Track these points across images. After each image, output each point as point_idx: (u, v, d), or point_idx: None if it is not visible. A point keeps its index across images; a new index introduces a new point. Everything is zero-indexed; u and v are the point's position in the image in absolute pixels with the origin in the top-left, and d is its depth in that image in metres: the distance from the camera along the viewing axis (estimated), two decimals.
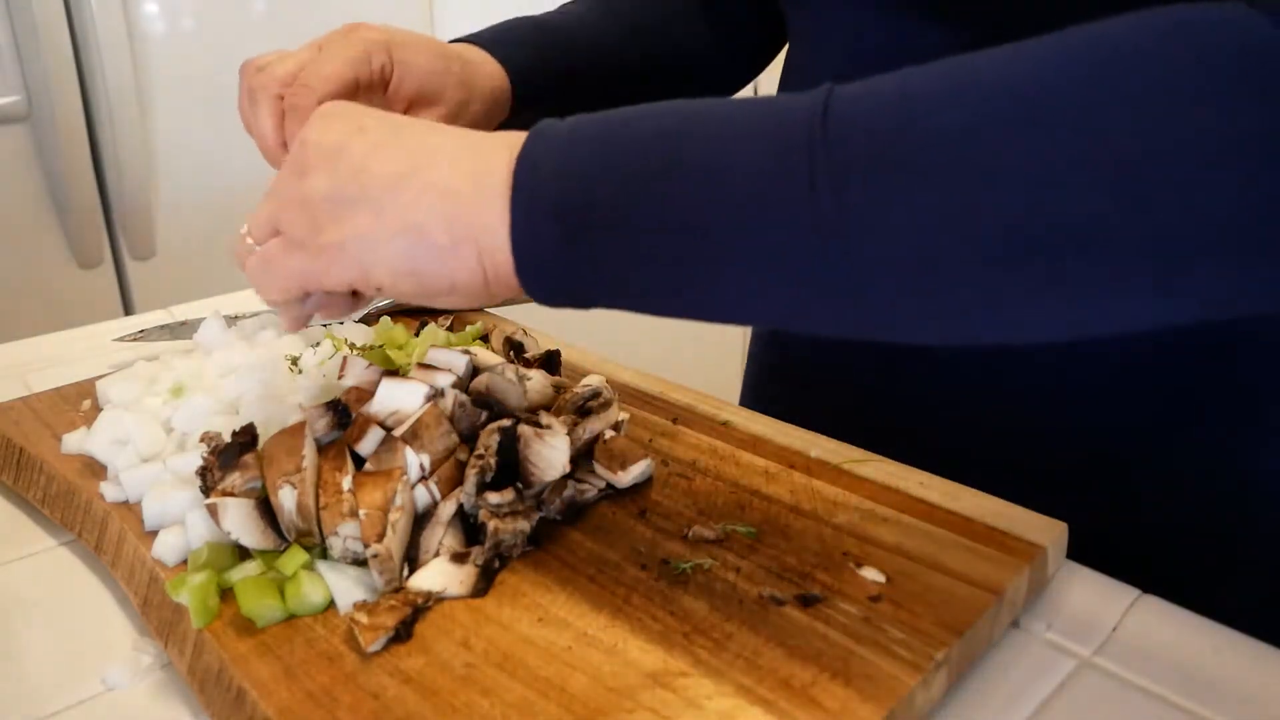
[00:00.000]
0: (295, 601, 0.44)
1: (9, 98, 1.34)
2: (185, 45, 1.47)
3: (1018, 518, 0.48)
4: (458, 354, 0.54)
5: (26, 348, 0.80)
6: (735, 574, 0.46)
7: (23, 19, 1.31)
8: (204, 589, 0.44)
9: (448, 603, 0.44)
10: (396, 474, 0.46)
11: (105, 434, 0.56)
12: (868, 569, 0.45)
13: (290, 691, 0.40)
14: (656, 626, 0.42)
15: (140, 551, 0.49)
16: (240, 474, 0.48)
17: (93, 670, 0.45)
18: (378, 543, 0.44)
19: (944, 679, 0.41)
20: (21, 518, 0.57)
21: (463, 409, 0.51)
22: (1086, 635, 0.45)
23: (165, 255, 1.51)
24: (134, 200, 1.45)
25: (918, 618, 0.42)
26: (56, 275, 1.43)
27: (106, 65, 1.37)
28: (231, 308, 0.83)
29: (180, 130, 1.49)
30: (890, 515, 0.49)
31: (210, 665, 0.42)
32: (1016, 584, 0.45)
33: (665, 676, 0.40)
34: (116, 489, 0.53)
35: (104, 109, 1.39)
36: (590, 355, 0.68)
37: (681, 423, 0.59)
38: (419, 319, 0.73)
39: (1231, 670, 0.43)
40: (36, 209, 1.40)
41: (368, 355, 0.60)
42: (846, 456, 0.54)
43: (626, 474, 0.51)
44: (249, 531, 0.46)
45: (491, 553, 0.46)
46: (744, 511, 0.50)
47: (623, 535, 0.49)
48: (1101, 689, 0.42)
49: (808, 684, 0.39)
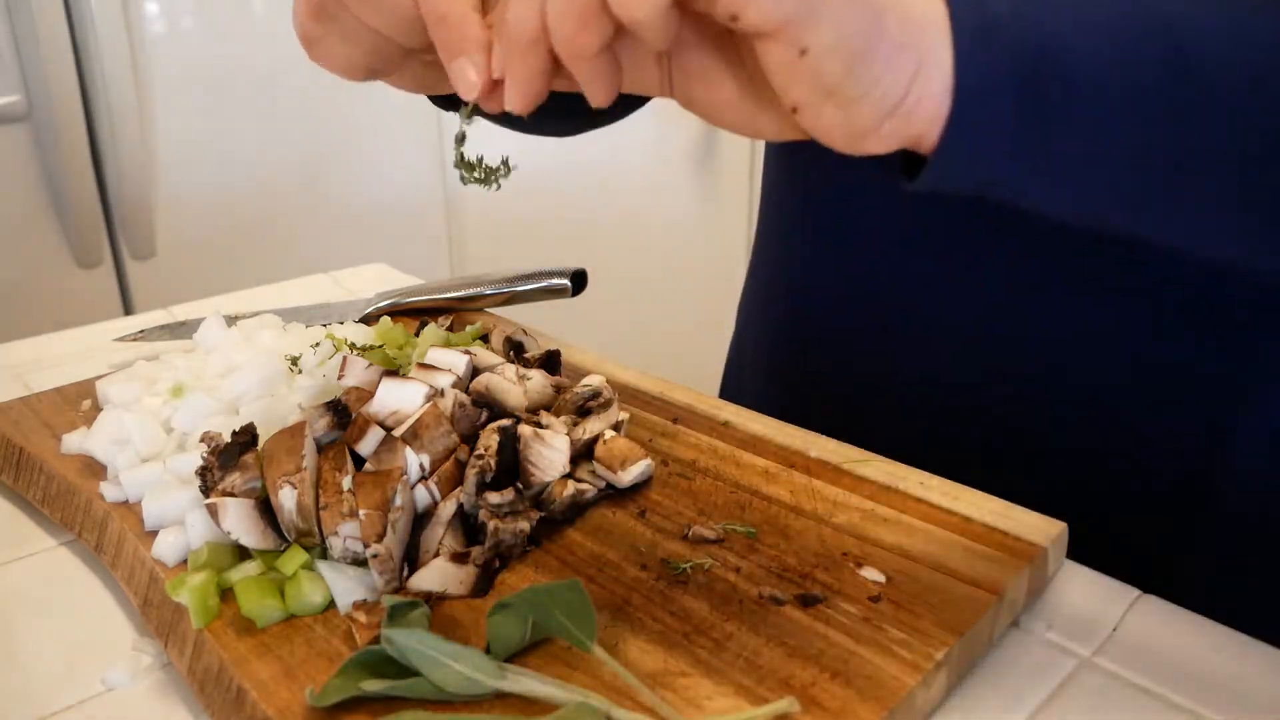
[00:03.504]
0: (295, 601, 0.44)
1: (9, 98, 1.34)
2: (185, 45, 1.47)
3: (1018, 518, 0.48)
4: (458, 354, 0.54)
5: (26, 348, 0.80)
6: (735, 574, 0.46)
7: (23, 19, 1.31)
8: (204, 589, 0.44)
9: (448, 603, 0.44)
10: (396, 474, 0.46)
11: (105, 434, 0.56)
12: (868, 569, 0.45)
13: (290, 691, 0.40)
14: (656, 626, 0.42)
15: (140, 551, 0.49)
16: (240, 474, 0.48)
17: (93, 670, 0.45)
18: (378, 543, 0.44)
19: (944, 679, 0.41)
20: (21, 518, 0.57)
21: (463, 409, 0.51)
22: (1086, 635, 0.45)
23: (165, 255, 1.51)
24: (134, 200, 1.45)
25: (918, 618, 0.42)
26: (56, 275, 1.43)
27: (106, 65, 1.37)
28: (231, 308, 0.83)
29: (180, 130, 1.49)
30: (890, 515, 0.49)
31: (210, 665, 0.42)
32: (1016, 584, 0.45)
33: (665, 676, 0.40)
34: (116, 489, 0.53)
35: (104, 109, 1.39)
36: (590, 355, 0.68)
37: (681, 423, 0.59)
38: (419, 319, 0.73)
39: (1231, 670, 0.43)
40: (36, 209, 1.40)
41: (368, 355, 0.60)
42: (846, 456, 0.54)
43: (626, 474, 0.51)
44: (249, 531, 0.46)
45: (491, 553, 0.46)
46: (744, 511, 0.50)
47: (623, 535, 0.49)
48: (1101, 689, 0.42)
49: (808, 684, 0.39)
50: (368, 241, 1.73)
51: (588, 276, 0.75)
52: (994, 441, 0.59)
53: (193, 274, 1.53)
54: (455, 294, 0.76)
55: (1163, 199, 0.36)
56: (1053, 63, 0.33)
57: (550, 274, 0.75)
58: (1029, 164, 0.35)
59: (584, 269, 0.75)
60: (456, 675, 0.38)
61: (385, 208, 1.74)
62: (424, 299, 0.76)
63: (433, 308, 0.76)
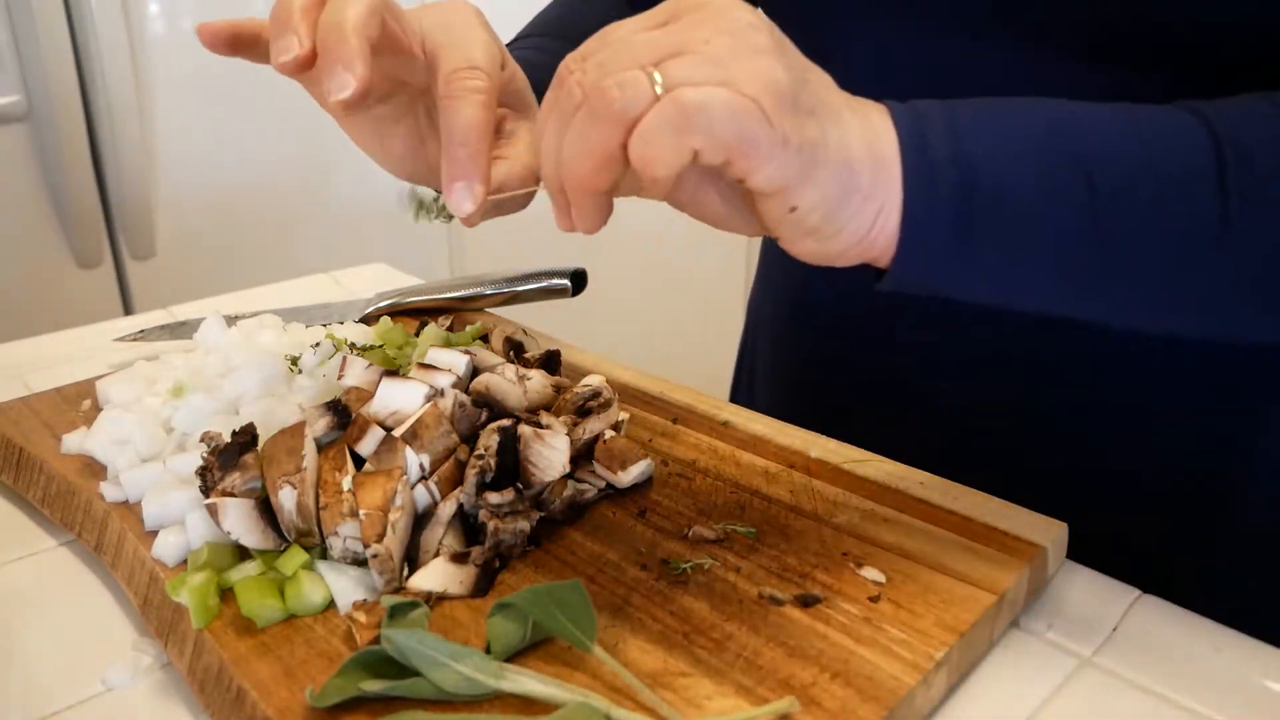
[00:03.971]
0: (295, 601, 0.44)
1: (9, 98, 1.34)
2: (185, 45, 1.47)
3: (1018, 518, 0.48)
4: (458, 354, 0.54)
5: (26, 348, 0.80)
6: (735, 574, 0.46)
7: (23, 19, 1.31)
8: (204, 589, 0.44)
9: (448, 603, 0.44)
10: (396, 474, 0.46)
11: (105, 434, 0.56)
12: (868, 569, 0.45)
13: (290, 691, 0.40)
14: (656, 626, 0.42)
15: (140, 551, 0.49)
16: (240, 474, 0.48)
17: (93, 670, 0.45)
18: (378, 543, 0.44)
19: (944, 679, 0.41)
20: (21, 518, 0.57)
21: (463, 409, 0.51)
22: (1086, 635, 0.45)
23: (165, 255, 1.51)
24: (134, 200, 1.45)
25: (918, 618, 0.42)
26: (56, 275, 1.43)
27: (106, 65, 1.37)
28: (231, 308, 0.83)
29: (180, 130, 1.49)
30: (890, 515, 0.49)
31: (210, 665, 0.42)
32: (1016, 584, 0.45)
33: (665, 676, 0.40)
34: (116, 489, 0.53)
35: (104, 109, 1.39)
36: (590, 355, 0.68)
37: (681, 423, 0.59)
38: (419, 319, 0.73)
39: (1231, 670, 0.43)
40: (36, 209, 1.40)
41: (368, 355, 0.60)
42: (846, 456, 0.54)
43: (626, 474, 0.51)
44: (249, 531, 0.46)
45: (491, 553, 0.46)
46: (744, 511, 0.50)
47: (623, 535, 0.49)
48: (1102, 689, 0.42)
49: (808, 684, 0.39)
50: (368, 241, 1.73)
51: (588, 276, 0.75)
52: (994, 442, 0.59)
53: (193, 274, 1.53)
54: (455, 294, 0.76)
55: (1092, 297, 0.41)
56: (982, 198, 0.39)
57: (550, 274, 0.75)
58: (966, 275, 0.41)
59: (584, 269, 0.75)
60: (456, 675, 0.38)
61: (385, 208, 1.74)
62: (424, 299, 0.76)
63: (433, 308, 0.76)
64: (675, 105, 0.35)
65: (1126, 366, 0.55)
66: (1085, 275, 0.40)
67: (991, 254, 0.40)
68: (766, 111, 0.36)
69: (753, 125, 0.36)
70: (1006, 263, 0.40)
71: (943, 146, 0.39)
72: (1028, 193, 0.39)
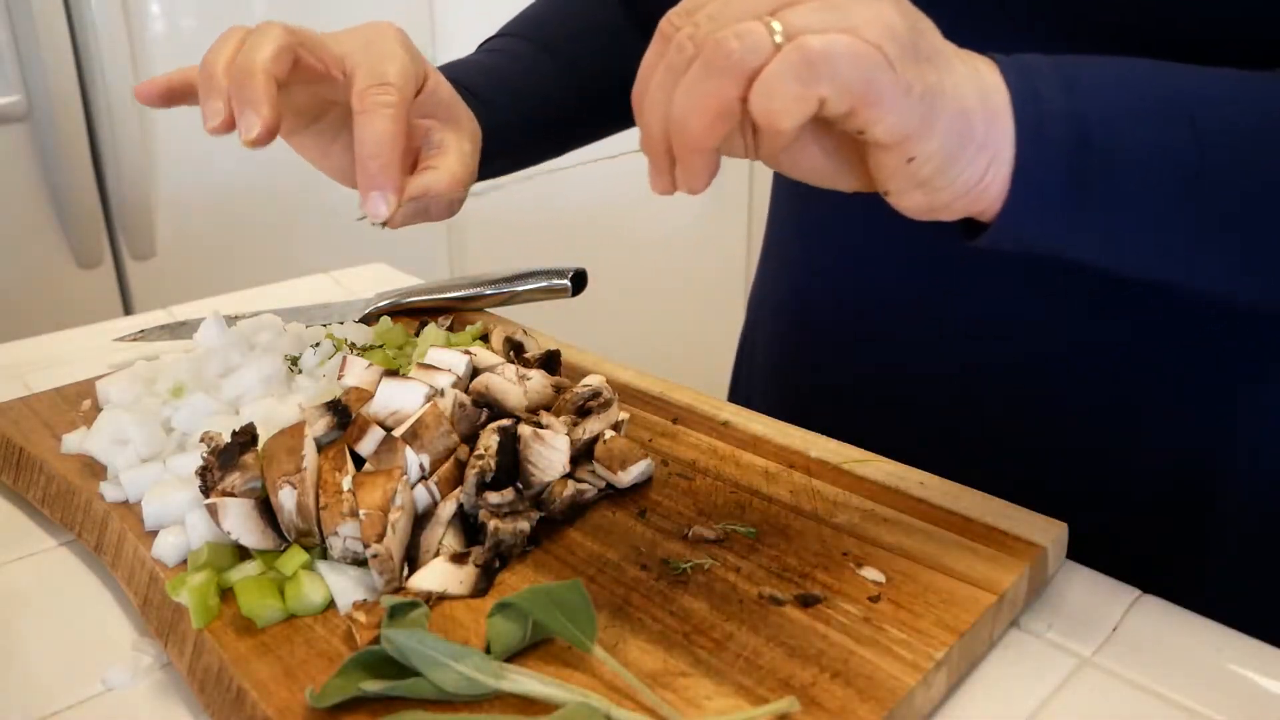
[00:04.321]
0: (295, 601, 0.44)
1: (9, 98, 1.34)
2: (185, 45, 1.47)
3: (1018, 518, 0.48)
4: (458, 354, 0.54)
5: (26, 348, 0.80)
6: (735, 574, 0.46)
7: (23, 19, 1.31)
8: (204, 589, 0.44)
9: (448, 603, 0.44)
10: (396, 474, 0.46)
11: (105, 434, 0.56)
12: (868, 569, 0.45)
13: (290, 691, 0.40)
14: (656, 626, 0.42)
15: (140, 551, 0.49)
16: (240, 474, 0.48)
17: (93, 670, 0.45)
18: (378, 543, 0.44)
19: (944, 679, 0.41)
20: (21, 518, 0.57)
21: (463, 409, 0.51)
22: (1086, 635, 0.45)
23: (165, 255, 1.51)
24: (134, 200, 1.44)
25: (918, 618, 0.42)
26: (56, 275, 1.43)
27: (106, 65, 1.37)
28: (231, 308, 0.83)
29: (180, 130, 1.48)
30: (890, 515, 0.49)
31: (210, 665, 0.42)
32: (1016, 584, 0.45)
33: (665, 676, 0.40)
34: (116, 489, 0.53)
35: (104, 109, 1.39)
36: (590, 355, 0.68)
37: (681, 423, 0.59)
38: (419, 319, 0.73)
39: (1231, 670, 0.43)
40: (36, 209, 1.40)
41: (368, 355, 0.60)
42: (846, 456, 0.54)
43: (626, 474, 0.51)
44: (249, 531, 0.46)
45: (491, 553, 0.46)
46: (744, 511, 0.50)
47: (623, 535, 0.49)
48: (1102, 689, 0.42)
49: (808, 684, 0.39)
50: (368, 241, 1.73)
51: (588, 276, 0.75)
52: (994, 442, 0.59)
53: (193, 274, 1.52)
54: (455, 294, 0.76)
55: (1182, 257, 0.42)
56: (1095, 151, 0.39)
57: (550, 274, 0.75)
58: (1070, 231, 0.40)
59: (584, 269, 0.74)
60: (456, 675, 0.38)
61: None
62: (424, 299, 0.76)
63: (433, 308, 0.76)
64: (800, 53, 0.34)
65: (1114, 361, 0.55)
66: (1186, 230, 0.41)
67: (1100, 209, 0.40)
68: (891, 59, 0.35)
69: (879, 73, 0.34)
70: (1114, 218, 0.40)
71: (1054, 99, 0.39)
72: (1141, 150, 0.39)
